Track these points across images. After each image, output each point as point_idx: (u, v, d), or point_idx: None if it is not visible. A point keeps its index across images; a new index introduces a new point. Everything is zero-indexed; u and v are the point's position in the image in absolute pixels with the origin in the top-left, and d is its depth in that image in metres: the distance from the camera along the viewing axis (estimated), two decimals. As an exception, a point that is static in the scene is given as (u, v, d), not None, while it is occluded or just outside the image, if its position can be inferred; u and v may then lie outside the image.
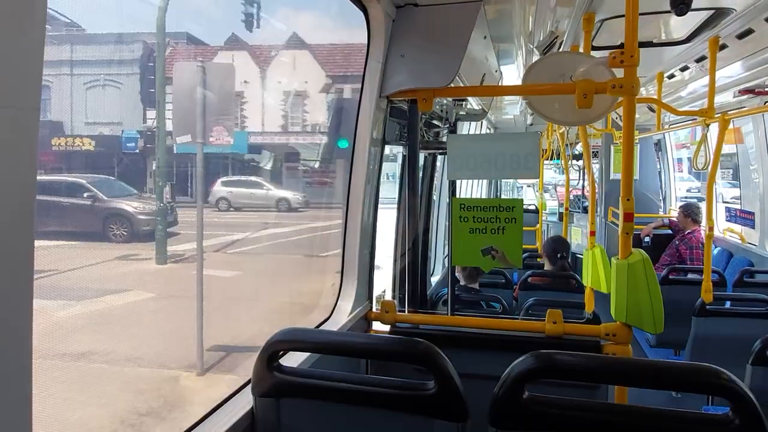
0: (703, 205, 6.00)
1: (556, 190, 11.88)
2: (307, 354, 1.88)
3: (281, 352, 1.58)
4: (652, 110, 5.60)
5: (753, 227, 5.53)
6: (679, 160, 11.77)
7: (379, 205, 2.64)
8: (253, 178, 17.56)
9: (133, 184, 8.82)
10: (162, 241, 7.28)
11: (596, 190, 4.87)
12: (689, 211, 5.73)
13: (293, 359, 1.83)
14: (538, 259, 5.19)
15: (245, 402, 1.60)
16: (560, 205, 9.51)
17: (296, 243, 11.99)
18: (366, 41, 2.36)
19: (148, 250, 7.23)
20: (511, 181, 13.67)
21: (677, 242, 5.75)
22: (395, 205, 3.47)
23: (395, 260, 3.02)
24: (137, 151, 10.18)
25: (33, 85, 0.81)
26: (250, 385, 1.58)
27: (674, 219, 6.47)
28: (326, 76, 22.38)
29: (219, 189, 15.54)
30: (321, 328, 2.27)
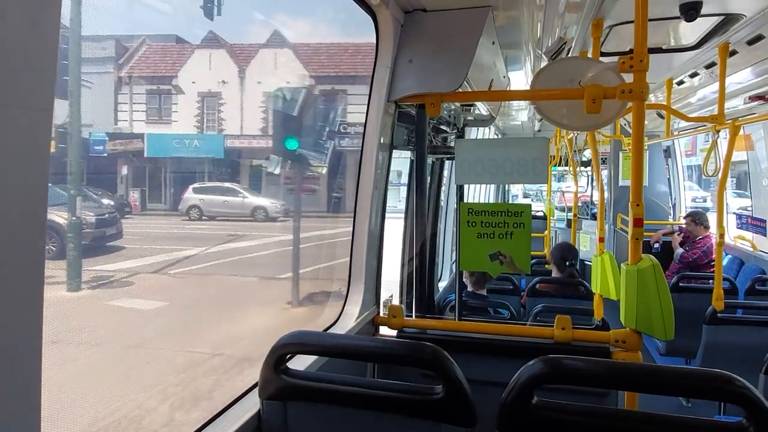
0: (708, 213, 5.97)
1: (564, 196, 11.81)
2: (314, 357, 1.88)
3: (288, 356, 1.58)
4: (661, 116, 5.56)
5: (765, 235, 5.47)
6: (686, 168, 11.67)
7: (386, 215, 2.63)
8: (227, 185, 16.12)
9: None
10: (75, 263, 6.10)
11: (605, 197, 4.84)
12: (698, 218, 5.69)
13: (300, 363, 1.83)
14: (546, 266, 5.16)
15: (252, 405, 1.60)
16: (568, 210, 9.46)
17: (259, 261, 10.89)
18: (374, 46, 2.37)
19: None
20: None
21: (687, 248, 5.71)
22: (401, 214, 3.44)
23: (403, 265, 3.02)
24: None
25: (46, 86, 0.82)
26: (257, 389, 1.57)
27: (683, 226, 6.42)
28: (309, 76, 21.28)
29: (190, 196, 14.42)
30: (328, 332, 2.26)
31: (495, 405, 1.31)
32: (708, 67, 3.61)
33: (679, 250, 5.76)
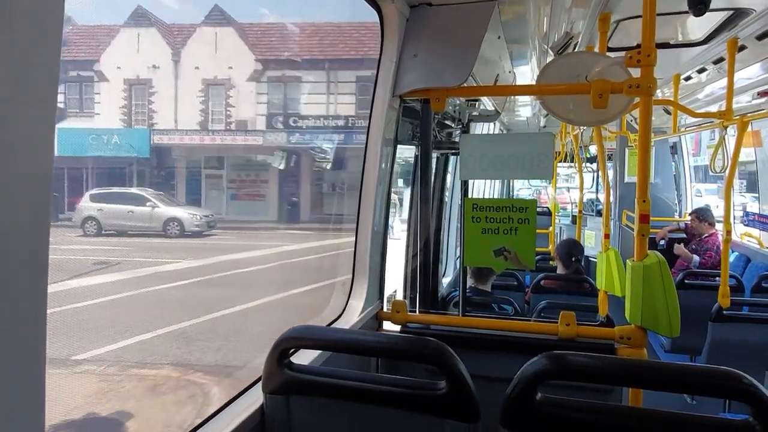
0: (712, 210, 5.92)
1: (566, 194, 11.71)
2: (317, 352, 1.88)
3: (292, 350, 1.58)
4: (667, 112, 5.53)
5: None
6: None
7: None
8: (134, 191, 13.07)
9: None
10: None
11: (610, 193, 4.82)
12: (704, 215, 5.65)
13: (304, 357, 1.83)
14: (551, 262, 5.14)
15: (255, 399, 1.60)
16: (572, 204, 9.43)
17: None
18: (379, 41, 2.36)
19: None
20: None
21: (694, 246, 5.67)
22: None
23: (407, 260, 3.02)
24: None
25: (49, 79, 0.82)
26: (260, 383, 1.58)
27: (689, 223, 6.38)
28: (258, 60, 18.17)
29: (86, 205, 11.31)
30: (332, 326, 2.27)
31: (498, 401, 1.31)
32: (716, 62, 3.57)
33: (696, 258, 5.60)
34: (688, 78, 4.13)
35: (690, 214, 6.14)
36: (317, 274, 9.67)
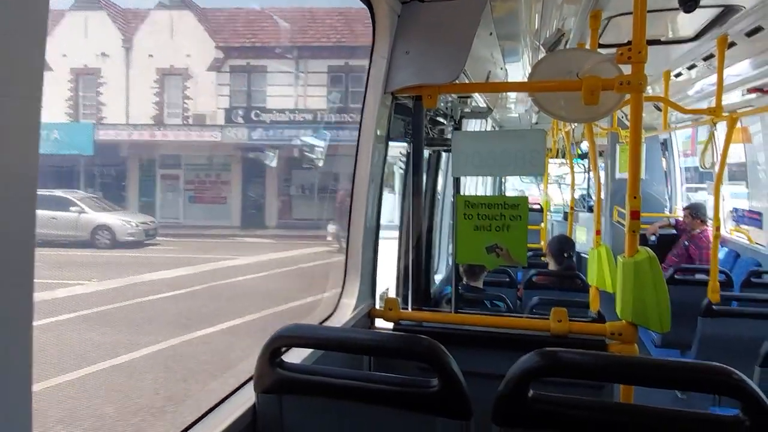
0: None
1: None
2: (309, 351, 1.87)
3: (284, 348, 1.57)
4: (658, 109, 5.56)
5: (761, 227, 5.49)
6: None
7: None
8: (58, 193, 11.17)
9: None
10: None
11: (602, 190, 4.84)
12: (697, 212, 5.69)
13: (296, 356, 1.82)
14: (543, 258, 5.16)
15: (247, 398, 1.59)
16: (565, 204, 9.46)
17: None
18: (371, 37, 2.34)
19: None
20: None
21: (686, 242, 5.70)
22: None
23: (399, 257, 3.01)
24: None
25: (34, 74, 0.81)
26: (252, 382, 1.57)
27: (680, 219, 6.42)
28: (220, 47, 16.26)
29: None
30: (324, 324, 2.26)
31: (491, 398, 1.31)
32: (706, 59, 3.60)
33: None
34: (678, 75, 4.15)
35: (684, 210, 6.18)
36: (268, 301, 8.65)
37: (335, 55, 17.45)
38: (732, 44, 3.16)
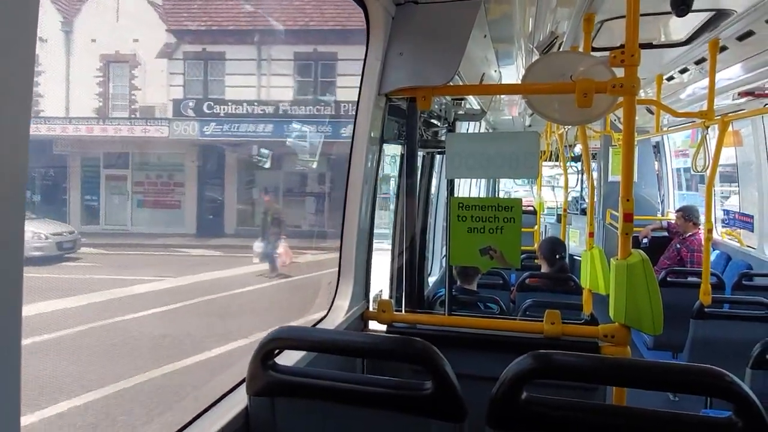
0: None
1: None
2: (302, 353, 1.86)
3: (276, 351, 1.56)
4: (651, 112, 5.59)
5: (752, 230, 5.53)
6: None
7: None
8: None
9: None
10: None
11: (594, 192, 4.86)
12: (689, 215, 5.71)
13: (288, 358, 1.81)
14: (536, 261, 5.17)
15: (239, 401, 1.58)
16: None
17: None
18: (365, 39, 2.34)
19: None
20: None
21: (678, 245, 5.73)
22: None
23: (392, 259, 3.01)
24: None
25: (24, 77, 0.80)
26: (244, 384, 1.56)
27: (672, 221, 6.46)
28: (171, 31, 14.45)
29: None
30: (317, 326, 2.25)
31: (485, 400, 1.30)
32: (698, 62, 3.62)
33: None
34: (670, 78, 4.18)
35: (677, 212, 6.21)
36: (127, 366, 6.38)
37: (303, 41, 15.92)
38: (723, 48, 3.18)
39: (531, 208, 8.52)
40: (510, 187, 14.45)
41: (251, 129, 15.54)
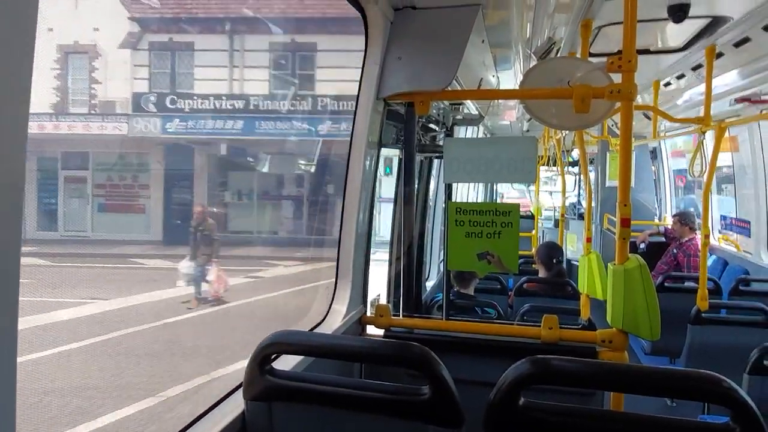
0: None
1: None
2: (300, 357, 1.86)
3: (273, 355, 1.55)
4: (648, 117, 5.61)
5: (749, 236, 5.54)
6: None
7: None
8: None
9: None
10: None
11: (592, 197, 4.87)
12: (686, 220, 5.73)
13: (286, 363, 1.81)
14: (534, 266, 5.18)
15: (236, 406, 1.57)
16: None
17: None
18: (364, 43, 2.35)
19: None
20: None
21: (675, 250, 5.74)
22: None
23: (390, 264, 3.00)
24: None
25: (22, 80, 0.79)
26: (241, 389, 1.55)
27: (669, 227, 6.47)
28: (135, 19, 13.31)
29: None
30: (314, 331, 2.24)
31: (482, 405, 1.30)
32: (695, 68, 3.64)
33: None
34: (667, 84, 4.20)
35: (673, 217, 6.23)
36: None
37: (280, 30, 15.08)
38: (720, 54, 3.20)
39: (527, 212, 8.53)
40: (505, 190, 14.33)
41: (219, 126, 14.34)
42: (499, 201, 12.07)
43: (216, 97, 14.58)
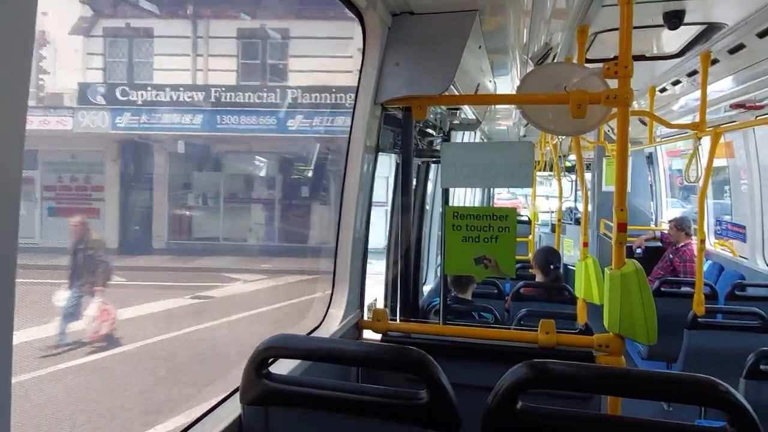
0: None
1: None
2: (297, 362, 1.85)
3: (271, 359, 1.55)
4: (643, 123, 5.65)
5: (744, 241, 5.57)
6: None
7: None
8: None
9: None
10: None
11: (588, 202, 4.89)
12: (682, 225, 5.75)
13: (283, 367, 1.80)
14: (531, 270, 5.18)
15: (233, 410, 1.57)
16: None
17: None
18: (361, 48, 2.36)
19: None
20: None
21: (671, 255, 5.76)
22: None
23: (387, 268, 3.00)
24: None
25: (20, 77, 0.79)
26: (238, 393, 1.54)
27: (665, 232, 6.49)
28: (87, 3, 12.30)
29: None
30: (311, 335, 2.24)
31: (480, 410, 1.30)
32: (690, 75, 3.67)
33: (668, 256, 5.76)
34: (663, 90, 4.23)
35: (669, 222, 6.25)
36: None
37: (248, 16, 14.01)
38: (715, 61, 3.22)
39: (525, 218, 8.55)
40: (495, 192, 14.13)
41: (177, 120, 13.12)
42: (492, 202, 12.01)
43: (173, 88, 13.31)
